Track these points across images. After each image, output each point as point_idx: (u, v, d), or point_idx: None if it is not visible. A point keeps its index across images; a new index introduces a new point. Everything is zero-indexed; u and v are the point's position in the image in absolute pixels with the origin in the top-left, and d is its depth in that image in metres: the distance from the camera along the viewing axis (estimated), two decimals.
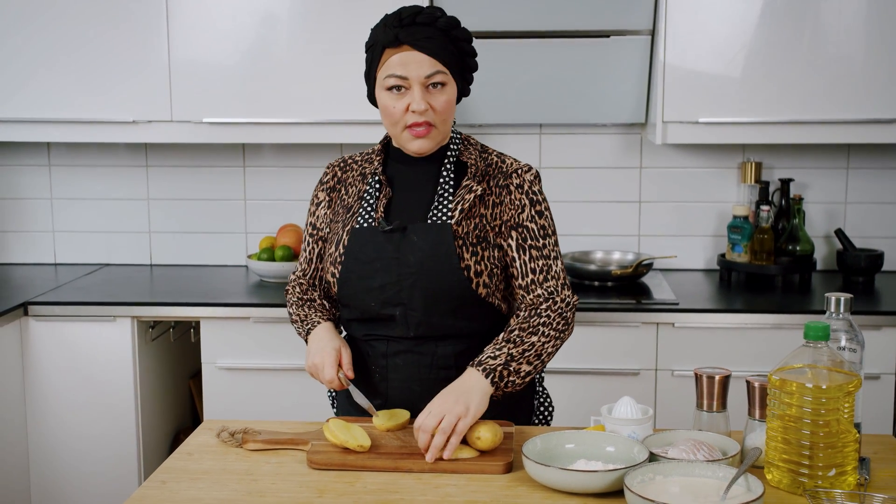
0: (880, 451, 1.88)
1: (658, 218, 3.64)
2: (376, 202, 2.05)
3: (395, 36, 1.95)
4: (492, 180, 2.05)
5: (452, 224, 2.00)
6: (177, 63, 3.30)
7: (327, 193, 2.15)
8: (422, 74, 1.95)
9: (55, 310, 3.14)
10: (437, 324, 2.01)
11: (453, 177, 2.05)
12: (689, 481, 1.61)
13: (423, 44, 1.94)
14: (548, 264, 2.02)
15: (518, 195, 2.04)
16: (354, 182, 2.12)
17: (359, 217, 2.05)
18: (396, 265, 1.98)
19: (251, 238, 3.76)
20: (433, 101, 1.97)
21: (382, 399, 2.06)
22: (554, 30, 3.29)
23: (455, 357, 2.03)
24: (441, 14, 1.98)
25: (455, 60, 1.99)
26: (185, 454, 1.88)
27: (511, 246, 2.02)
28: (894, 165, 3.56)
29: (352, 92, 3.27)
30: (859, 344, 1.76)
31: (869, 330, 2.96)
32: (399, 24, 1.95)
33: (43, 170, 3.77)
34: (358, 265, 2.02)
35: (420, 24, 1.95)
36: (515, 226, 2.03)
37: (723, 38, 3.18)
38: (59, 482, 3.20)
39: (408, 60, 1.95)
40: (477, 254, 1.99)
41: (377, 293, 2.01)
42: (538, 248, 2.02)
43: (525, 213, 2.03)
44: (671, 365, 3.07)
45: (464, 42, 2.00)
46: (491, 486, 1.71)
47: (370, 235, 2.02)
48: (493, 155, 2.10)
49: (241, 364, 3.16)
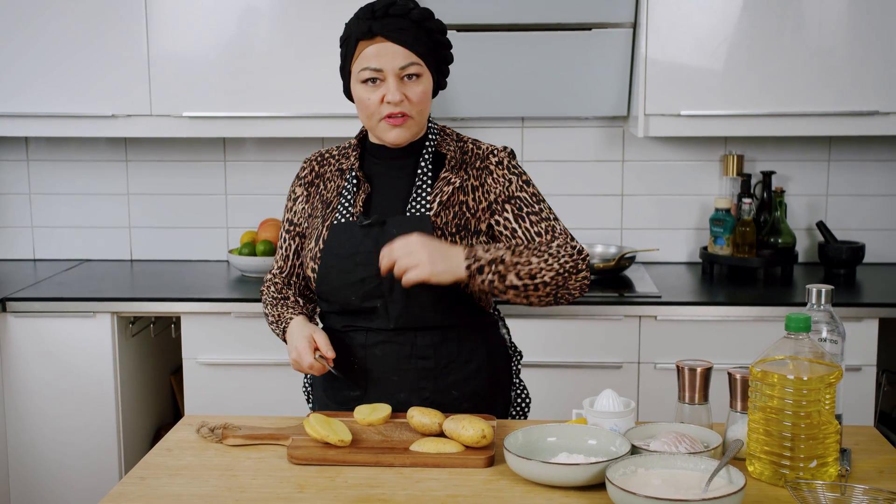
0: (861, 442, 1.88)
1: (640, 211, 3.64)
2: (354, 197, 2.05)
3: (368, 28, 1.96)
4: (469, 168, 2.06)
5: (431, 216, 2.00)
6: (156, 57, 3.28)
7: (305, 188, 2.15)
8: (396, 65, 1.96)
9: (34, 306, 3.12)
10: (417, 315, 2.01)
11: (431, 167, 2.06)
12: (671, 474, 1.61)
13: (397, 35, 1.95)
14: (550, 225, 2.03)
15: (500, 171, 2.06)
16: (332, 177, 2.12)
17: (337, 213, 2.05)
18: (376, 259, 1.97)
19: (232, 233, 3.74)
20: (408, 92, 1.98)
21: (362, 390, 2.06)
22: (536, 23, 3.28)
23: (434, 347, 2.03)
24: (414, 6, 1.99)
25: (429, 52, 2.00)
26: (164, 450, 1.87)
27: (508, 219, 2.03)
28: (875, 158, 3.57)
29: (333, 86, 3.24)
30: (840, 335, 1.76)
31: (850, 321, 2.97)
32: (372, 16, 1.96)
33: (21, 165, 3.74)
34: (337, 260, 2.02)
35: (393, 15, 1.96)
36: (507, 199, 2.04)
37: (704, 31, 3.18)
38: (38, 479, 3.18)
39: (382, 52, 1.96)
40: (456, 243, 2.00)
41: (358, 287, 2.01)
42: (536, 212, 2.04)
43: (513, 185, 2.05)
44: (654, 358, 3.07)
45: (438, 34, 2.01)
46: (472, 480, 1.70)
47: (349, 230, 2.02)
48: (469, 143, 2.11)
49: (223, 359, 3.15)
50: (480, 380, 2.07)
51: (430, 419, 1.85)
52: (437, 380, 2.04)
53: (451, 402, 2.04)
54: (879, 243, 3.60)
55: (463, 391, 2.06)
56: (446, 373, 2.04)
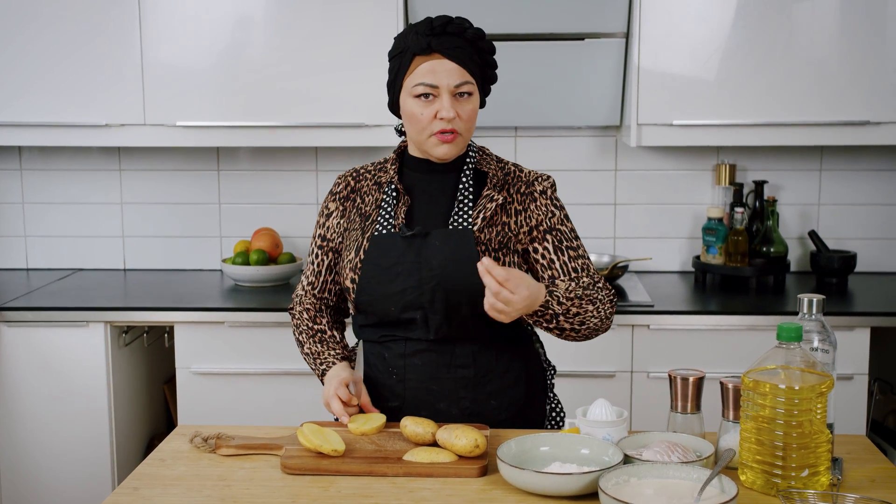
0: (853, 451, 1.89)
1: (633, 220, 3.65)
2: (395, 209, 2.07)
3: (427, 44, 1.98)
4: (512, 188, 2.09)
5: (475, 231, 2.02)
6: (150, 66, 3.28)
7: (340, 203, 2.15)
8: (451, 83, 1.99)
9: (27, 315, 3.11)
10: (457, 327, 2.02)
11: (472, 184, 2.08)
12: (664, 483, 1.62)
13: (454, 53, 1.99)
14: (585, 263, 2.09)
15: (543, 201, 2.09)
16: (370, 191, 2.13)
17: (377, 225, 2.06)
18: (418, 269, 2.00)
19: (226, 242, 3.74)
20: (460, 110, 2.01)
21: (399, 400, 2.06)
22: (528, 32, 3.29)
23: (473, 356, 2.04)
24: (469, 25, 2.03)
25: (480, 71, 2.04)
26: (157, 460, 1.87)
27: (548, 248, 2.07)
28: (867, 167, 3.58)
29: (326, 95, 3.27)
30: (832, 345, 1.77)
31: (842, 331, 2.98)
32: (431, 32, 1.99)
33: (14, 174, 3.74)
34: (378, 271, 2.03)
35: (451, 33, 2.00)
36: (549, 229, 2.08)
37: (697, 41, 3.19)
38: (31, 488, 3.17)
39: (438, 69, 1.98)
40: (499, 259, 2.03)
41: (398, 297, 2.02)
42: (574, 248, 2.09)
43: (556, 218, 2.09)
44: (646, 367, 3.07)
45: (487, 54, 2.06)
46: (466, 490, 1.70)
47: (391, 241, 2.04)
48: (510, 164, 2.15)
49: (216, 369, 3.14)
50: (518, 391, 2.09)
51: (424, 429, 1.85)
52: (476, 389, 2.04)
53: (489, 411, 2.05)
54: (871, 252, 3.62)
55: (501, 401, 2.06)
56: (485, 382, 2.04)
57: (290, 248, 3.68)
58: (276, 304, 3.16)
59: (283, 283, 3.46)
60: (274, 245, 3.51)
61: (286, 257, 3.51)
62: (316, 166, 3.66)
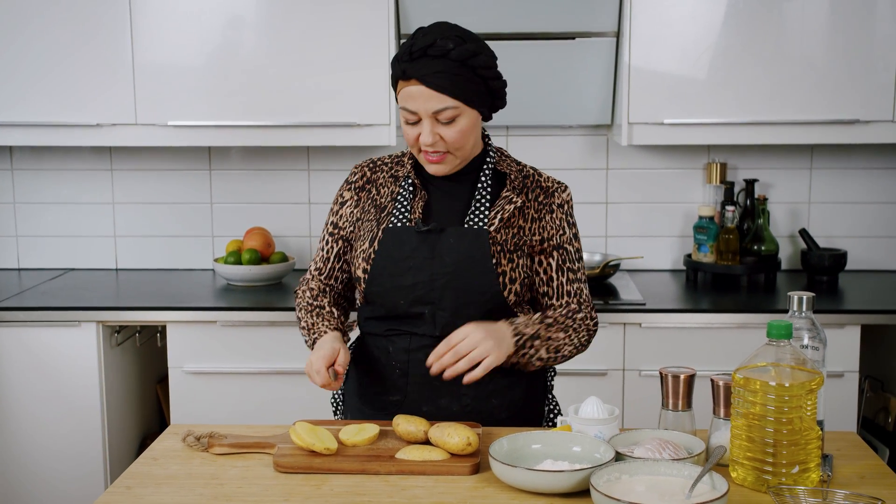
0: (843, 448, 1.90)
1: (624, 219, 3.66)
2: (410, 203, 2.06)
3: (402, 71, 1.95)
4: (530, 193, 2.09)
5: (491, 231, 2.02)
6: (141, 65, 3.28)
7: (355, 193, 2.14)
8: (429, 109, 1.94)
9: (19, 315, 3.11)
10: (463, 325, 1.99)
11: (491, 184, 2.08)
12: (655, 480, 1.62)
13: (431, 79, 1.92)
14: (580, 288, 2.10)
15: (559, 215, 2.09)
16: (386, 183, 2.12)
17: (392, 217, 2.06)
18: (430, 265, 2.00)
19: (217, 241, 3.73)
20: (444, 133, 1.97)
21: (401, 394, 2.07)
22: (519, 31, 3.30)
23: None
24: (454, 46, 1.92)
25: (473, 89, 1.95)
26: (150, 459, 1.87)
27: (552, 265, 2.07)
28: (857, 166, 3.60)
29: (317, 95, 3.27)
30: (822, 342, 1.78)
31: (833, 328, 2.99)
32: (409, 58, 1.93)
33: (6, 174, 3.73)
34: (390, 263, 2.03)
35: (431, 56, 1.92)
36: (557, 246, 2.08)
37: (687, 40, 3.20)
38: (23, 487, 3.16)
39: (415, 95, 1.94)
40: (513, 261, 2.03)
41: (408, 291, 2.02)
42: (574, 270, 2.09)
43: (566, 236, 2.09)
44: (638, 365, 3.08)
45: (483, 69, 1.96)
46: (458, 488, 1.71)
47: (406, 234, 2.03)
48: (529, 168, 2.14)
49: (209, 368, 3.14)
50: (519, 390, 2.09)
51: (416, 427, 1.86)
52: (478, 387, 2.03)
53: (490, 409, 2.06)
54: (861, 250, 3.63)
55: (502, 400, 2.07)
56: (487, 380, 2.03)
57: (282, 248, 3.68)
58: (268, 303, 3.16)
59: (275, 283, 3.46)
60: (266, 244, 3.51)
61: (278, 257, 3.52)
62: (308, 166, 3.66)
